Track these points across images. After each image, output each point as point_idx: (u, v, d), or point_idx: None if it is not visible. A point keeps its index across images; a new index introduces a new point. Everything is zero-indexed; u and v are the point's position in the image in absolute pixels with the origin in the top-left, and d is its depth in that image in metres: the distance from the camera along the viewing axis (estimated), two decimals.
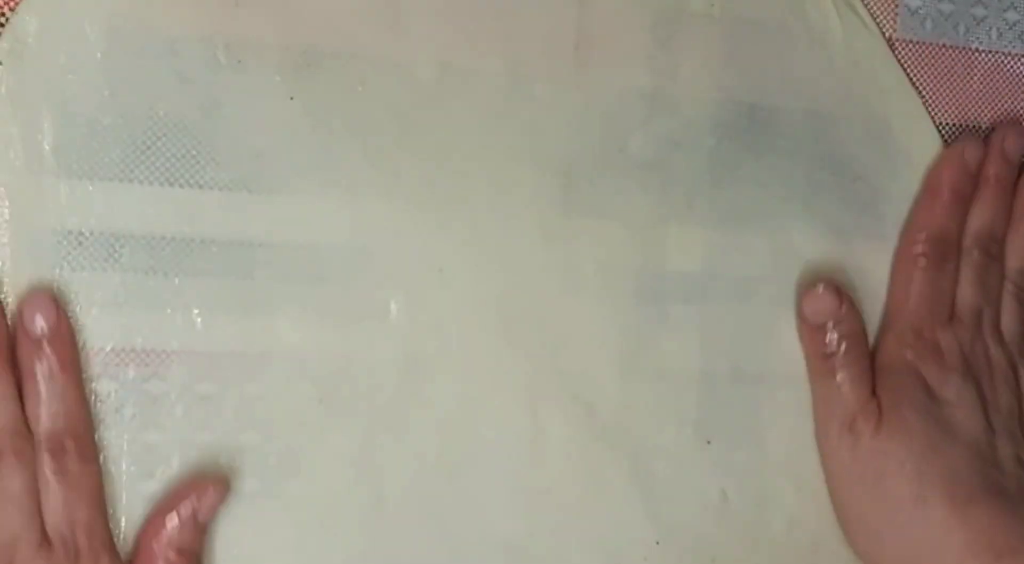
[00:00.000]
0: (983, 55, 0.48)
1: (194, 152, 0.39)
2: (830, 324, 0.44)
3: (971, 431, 0.43)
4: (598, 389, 0.43)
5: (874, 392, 0.43)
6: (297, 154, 0.40)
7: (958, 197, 0.45)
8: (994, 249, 0.45)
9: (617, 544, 0.43)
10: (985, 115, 0.48)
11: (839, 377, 0.44)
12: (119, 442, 0.38)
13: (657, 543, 0.43)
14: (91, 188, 0.38)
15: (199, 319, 0.39)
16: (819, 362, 0.44)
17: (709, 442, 0.44)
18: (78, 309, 0.37)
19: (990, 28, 0.48)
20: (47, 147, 0.37)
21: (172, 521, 0.37)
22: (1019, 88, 0.48)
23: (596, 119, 0.43)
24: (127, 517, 0.38)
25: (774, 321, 0.45)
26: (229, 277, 0.39)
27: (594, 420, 0.43)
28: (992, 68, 0.48)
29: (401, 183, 0.41)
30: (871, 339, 0.45)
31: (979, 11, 0.47)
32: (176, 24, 0.38)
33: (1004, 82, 0.48)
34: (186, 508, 0.37)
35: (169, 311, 0.38)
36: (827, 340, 0.44)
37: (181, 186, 0.39)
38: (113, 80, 0.38)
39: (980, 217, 0.45)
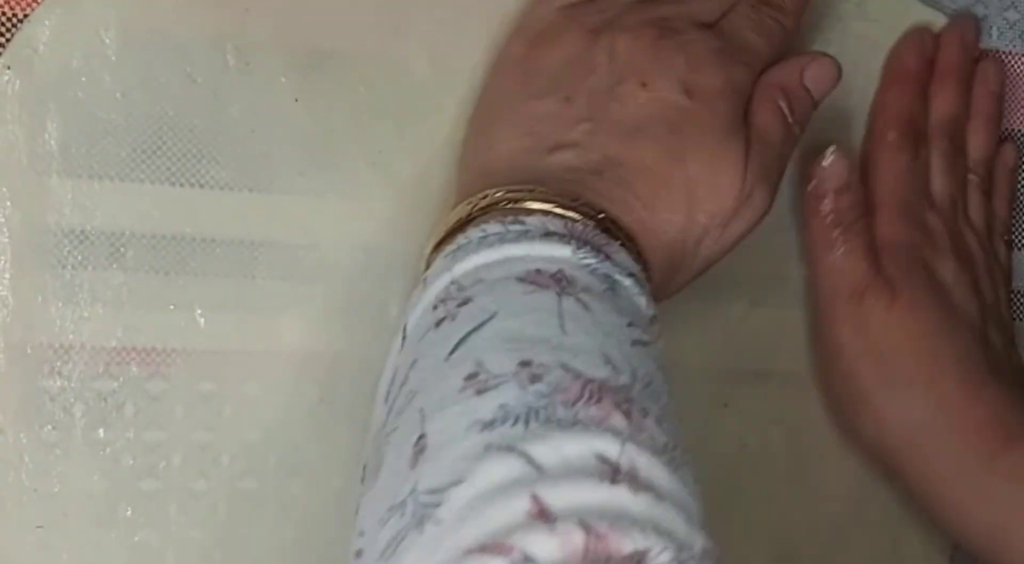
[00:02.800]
0: (982, 55, 0.47)
1: (199, 152, 0.39)
2: (838, 192, 0.43)
3: (970, 313, 0.43)
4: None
5: (880, 269, 0.42)
6: (299, 155, 0.40)
7: (920, 84, 0.45)
8: (959, 139, 0.45)
9: None
10: None
11: (847, 249, 0.42)
12: (120, 440, 0.38)
13: None
14: (96, 187, 0.38)
15: (201, 318, 0.39)
16: (824, 233, 0.43)
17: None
18: (81, 307, 0.38)
19: (990, 27, 0.48)
20: (54, 146, 0.38)
21: (786, 69, 0.40)
22: (1019, 87, 0.48)
23: None
24: None
25: (775, 321, 0.45)
26: (231, 277, 0.39)
27: None
28: None
29: (401, 183, 0.41)
30: None
31: (979, 10, 0.47)
32: (187, 28, 0.39)
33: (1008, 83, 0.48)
34: (800, 65, 0.40)
35: (172, 309, 0.39)
36: (834, 208, 0.42)
37: (184, 185, 0.39)
38: (125, 82, 0.38)
39: (943, 106, 0.45)
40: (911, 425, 0.42)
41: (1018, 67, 0.48)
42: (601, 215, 0.35)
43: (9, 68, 0.37)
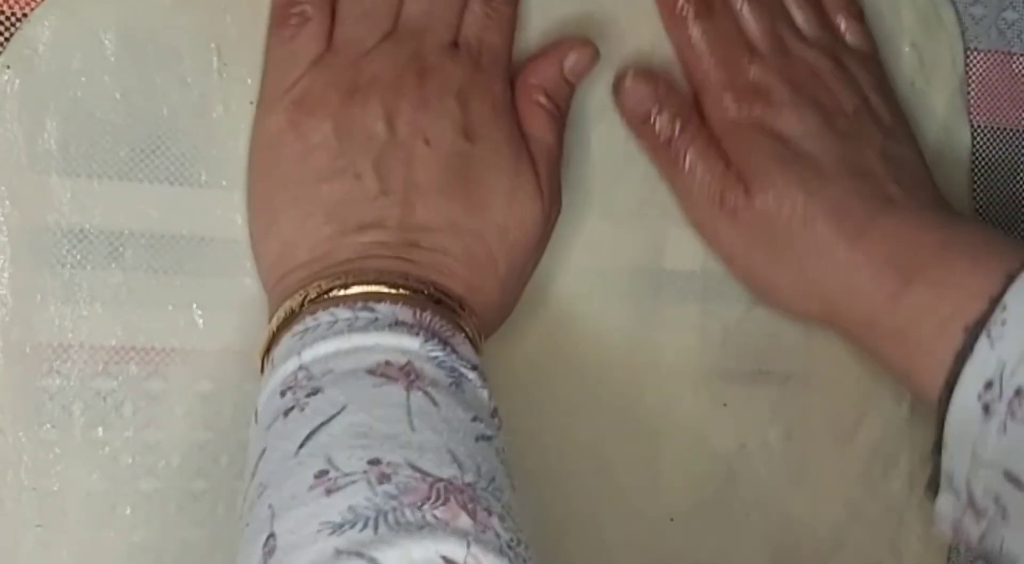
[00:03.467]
0: (982, 55, 0.47)
1: (198, 152, 0.39)
2: (654, 110, 0.41)
3: (831, 157, 0.40)
4: (598, 380, 0.43)
5: (728, 163, 0.41)
6: None
7: None
8: None
9: (626, 528, 0.43)
10: (985, 114, 0.48)
11: (688, 158, 0.41)
12: (119, 439, 0.38)
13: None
14: (95, 187, 0.38)
15: (200, 318, 0.39)
16: (662, 153, 0.42)
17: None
18: (80, 306, 0.38)
19: (989, 27, 0.48)
20: (53, 146, 0.38)
21: (541, 66, 0.40)
22: (1019, 87, 0.48)
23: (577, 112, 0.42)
24: None
25: (775, 321, 0.45)
26: (230, 276, 0.39)
27: (595, 411, 0.43)
28: (992, 67, 0.48)
29: None
30: None
31: (978, 11, 0.47)
32: (178, 31, 0.39)
33: (1004, 81, 0.48)
34: (554, 57, 0.40)
35: (171, 309, 0.39)
36: (658, 127, 0.41)
37: (183, 185, 0.39)
38: (124, 82, 0.38)
39: None
40: (818, 296, 0.41)
41: (1018, 67, 0.48)
42: (431, 286, 0.35)
43: (9, 67, 0.37)
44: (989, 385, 0.36)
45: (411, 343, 0.33)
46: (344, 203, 0.37)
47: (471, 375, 0.33)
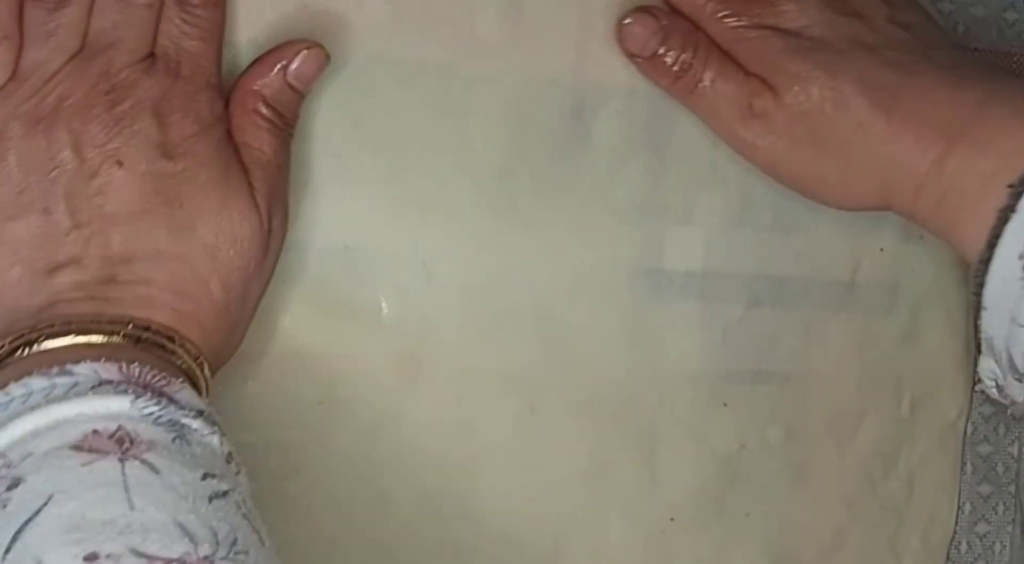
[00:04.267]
0: (982, 55, 0.47)
1: None
2: (662, 43, 0.41)
3: (844, 33, 0.40)
4: (598, 380, 0.43)
5: (746, 72, 0.41)
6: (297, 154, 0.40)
7: None
8: None
9: (626, 528, 0.43)
10: None
11: (707, 80, 0.41)
12: None
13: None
14: None
15: None
16: (679, 84, 0.41)
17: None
18: None
19: (990, 27, 0.48)
20: None
21: (263, 71, 0.37)
22: None
23: (566, 110, 0.42)
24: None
25: (775, 321, 0.45)
26: None
27: (596, 412, 0.43)
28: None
29: (366, 179, 0.41)
30: None
31: (978, 11, 0.47)
32: None
33: None
34: (277, 63, 0.37)
35: None
36: (670, 59, 0.41)
37: None
38: None
39: None
40: (871, 182, 0.40)
41: (1018, 67, 0.48)
42: (129, 325, 0.33)
43: None
44: None
45: (120, 404, 0.30)
46: (33, 242, 0.34)
47: (195, 424, 0.30)
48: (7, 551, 0.26)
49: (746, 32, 0.41)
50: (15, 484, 0.28)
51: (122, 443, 0.29)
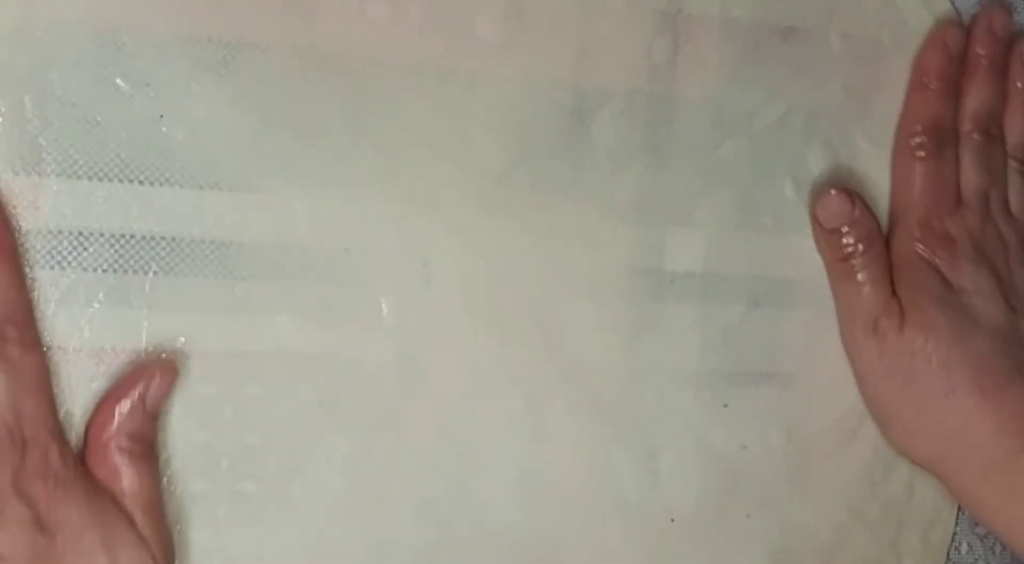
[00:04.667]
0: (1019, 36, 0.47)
1: (197, 153, 0.39)
2: (845, 227, 0.44)
3: (991, 316, 0.43)
4: (598, 381, 0.43)
5: (894, 291, 0.44)
6: (255, 155, 0.39)
7: (947, 84, 0.45)
8: (994, 129, 0.45)
9: (626, 529, 0.43)
10: None
11: (859, 278, 0.44)
12: None
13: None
14: (93, 187, 0.38)
15: (200, 319, 0.39)
16: (838, 266, 0.44)
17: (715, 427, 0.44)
18: (76, 309, 0.38)
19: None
20: (27, 146, 0.37)
21: (120, 408, 0.36)
22: None
23: (566, 111, 0.42)
24: (81, 409, 0.37)
25: (775, 322, 0.45)
26: (227, 277, 0.39)
27: (596, 412, 0.43)
28: None
29: (366, 179, 0.40)
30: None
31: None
32: (181, 28, 0.38)
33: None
34: (133, 394, 0.36)
35: (170, 310, 0.39)
36: (843, 243, 0.44)
37: (182, 186, 0.39)
38: (123, 82, 0.38)
39: (976, 98, 0.45)
40: (935, 439, 0.43)
41: None
42: None
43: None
44: None
45: None
46: None
47: None
48: None
49: (919, 263, 0.43)
50: None
51: None
